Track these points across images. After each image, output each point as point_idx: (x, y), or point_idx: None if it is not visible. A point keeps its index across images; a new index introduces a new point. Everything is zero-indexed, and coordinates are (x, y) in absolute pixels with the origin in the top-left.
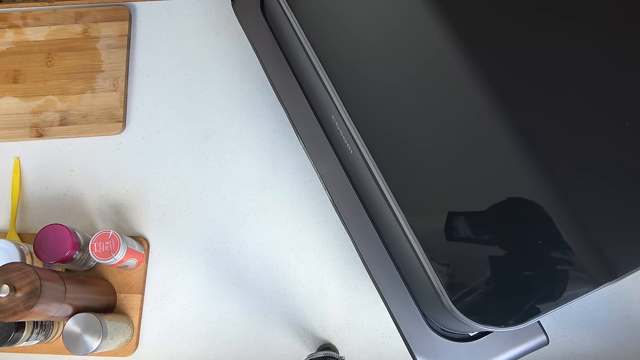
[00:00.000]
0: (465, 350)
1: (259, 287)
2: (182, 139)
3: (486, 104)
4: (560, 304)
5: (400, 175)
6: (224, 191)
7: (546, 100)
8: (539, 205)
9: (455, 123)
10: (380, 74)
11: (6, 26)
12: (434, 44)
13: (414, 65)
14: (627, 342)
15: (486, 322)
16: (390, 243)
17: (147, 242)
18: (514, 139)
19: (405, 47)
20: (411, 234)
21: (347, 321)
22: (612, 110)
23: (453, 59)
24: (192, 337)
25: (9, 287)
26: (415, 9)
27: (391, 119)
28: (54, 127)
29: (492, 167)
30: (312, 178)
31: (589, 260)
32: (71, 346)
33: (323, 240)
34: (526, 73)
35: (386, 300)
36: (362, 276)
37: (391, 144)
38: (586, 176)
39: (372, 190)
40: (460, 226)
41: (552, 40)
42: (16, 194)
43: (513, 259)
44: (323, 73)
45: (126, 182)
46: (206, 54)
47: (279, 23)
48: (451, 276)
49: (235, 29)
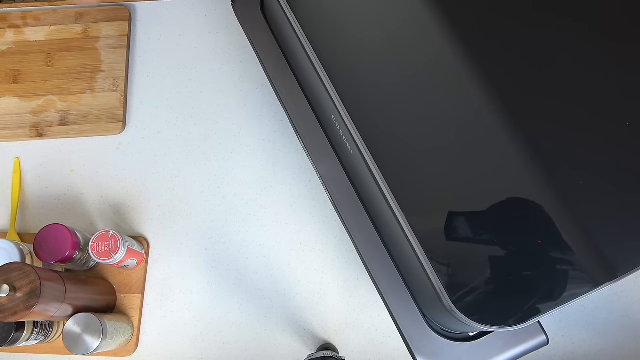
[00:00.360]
0: (465, 350)
1: (259, 287)
2: (182, 139)
3: (486, 104)
4: (560, 304)
5: (400, 175)
6: (224, 191)
7: (546, 99)
8: (539, 205)
9: (454, 123)
10: (380, 74)
11: (6, 26)
12: (434, 43)
13: (413, 65)
14: (627, 342)
15: (486, 322)
16: (390, 243)
17: (147, 242)
18: (514, 139)
19: (405, 47)
20: (411, 234)
21: (347, 321)
22: (612, 110)
23: (452, 59)
24: (192, 337)
25: (9, 287)
26: (415, 9)
27: (391, 118)
28: (54, 127)
29: (492, 167)
30: (312, 178)
31: (589, 260)
32: (71, 346)
33: (323, 240)
34: (526, 73)
35: (386, 300)
36: (362, 276)
37: (391, 144)
38: (586, 176)
39: (372, 190)
40: (460, 226)
41: (552, 40)
42: (16, 194)
43: (513, 259)
44: (323, 73)
45: (126, 182)
46: (206, 54)
47: (279, 23)
48: (451, 276)
49: (235, 29)
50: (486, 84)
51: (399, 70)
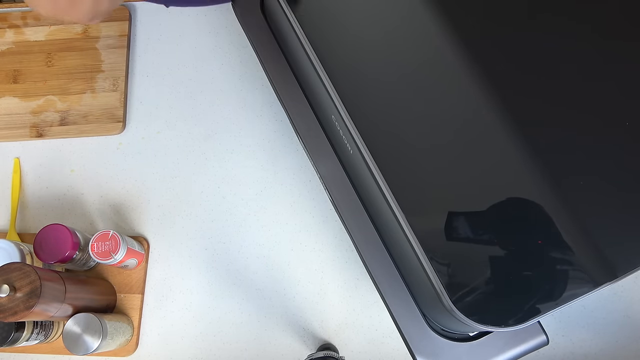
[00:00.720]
0: (465, 350)
1: (259, 287)
2: (182, 139)
3: (485, 102)
4: (560, 304)
5: (400, 175)
6: (224, 191)
7: (546, 99)
8: (539, 205)
9: (454, 122)
10: (380, 74)
11: (6, 26)
12: (433, 42)
13: (413, 65)
14: (627, 342)
15: (486, 322)
16: (390, 243)
17: (147, 242)
18: (514, 138)
19: (405, 47)
20: (411, 234)
21: (347, 321)
22: (612, 110)
23: (452, 58)
24: (192, 337)
25: (9, 287)
26: (415, 9)
27: (391, 118)
28: (54, 127)
29: (492, 167)
30: (312, 178)
31: (589, 260)
32: (71, 346)
33: (323, 240)
34: (526, 72)
35: (386, 300)
36: (362, 276)
37: (391, 144)
38: (586, 176)
39: (372, 190)
40: (460, 226)
41: (552, 39)
42: (16, 194)
43: (513, 259)
44: (323, 73)
45: (126, 182)
46: (206, 54)
47: (279, 23)
48: (451, 276)
49: (235, 29)
50: (485, 83)
51: (399, 70)
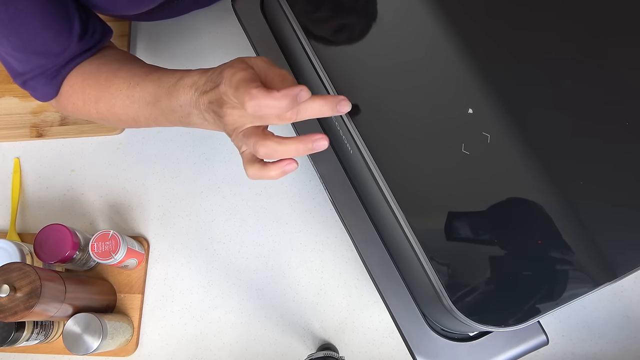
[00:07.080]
0: (465, 350)
1: (259, 287)
2: (182, 138)
3: (485, 103)
4: (560, 304)
5: (400, 175)
6: (224, 191)
7: (546, 98)
8: (539, 205)
9: (455, 122)
10: (380, 73)
11: None
12: (434, 42)
13: (413, 64)
14: (627, 343)
15: (486, 322)
16: (390, 243)
17: (147, 242)
18: (514, 138)
19: (405, 45)
20: (411, 234)
21: (347, 321)
22: (612, 110)
23: (452, 58)
24: (192, 337)
25: (9, 287)
26: (414, 8)
27: (391, 118)
28: (54, 127)
29: (492, 167)
30: (312, 178)
31: (588, 260)
32: (71, 346)
33: (323, 240)
34: (525, 71)
35: (386, 300)
36: (362, 276)
37: (391, 144)
38: (586, 176)
39: (372, 190)
40: (461, 226)
41: (552, 37)
42: (16, 194)
43: (513, 259)
44: (322, 72)
45: (126, 182)
46: (206, 53)
47: (279, 23)
48: (451, 276)
49: (235, 29)
50: (486, 83)
51: (399, 70)
